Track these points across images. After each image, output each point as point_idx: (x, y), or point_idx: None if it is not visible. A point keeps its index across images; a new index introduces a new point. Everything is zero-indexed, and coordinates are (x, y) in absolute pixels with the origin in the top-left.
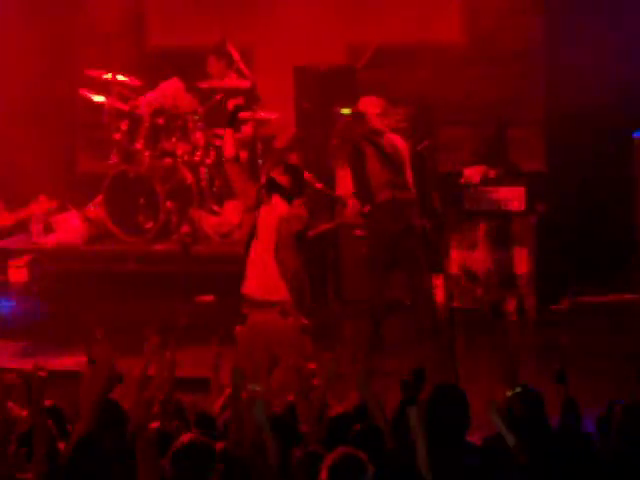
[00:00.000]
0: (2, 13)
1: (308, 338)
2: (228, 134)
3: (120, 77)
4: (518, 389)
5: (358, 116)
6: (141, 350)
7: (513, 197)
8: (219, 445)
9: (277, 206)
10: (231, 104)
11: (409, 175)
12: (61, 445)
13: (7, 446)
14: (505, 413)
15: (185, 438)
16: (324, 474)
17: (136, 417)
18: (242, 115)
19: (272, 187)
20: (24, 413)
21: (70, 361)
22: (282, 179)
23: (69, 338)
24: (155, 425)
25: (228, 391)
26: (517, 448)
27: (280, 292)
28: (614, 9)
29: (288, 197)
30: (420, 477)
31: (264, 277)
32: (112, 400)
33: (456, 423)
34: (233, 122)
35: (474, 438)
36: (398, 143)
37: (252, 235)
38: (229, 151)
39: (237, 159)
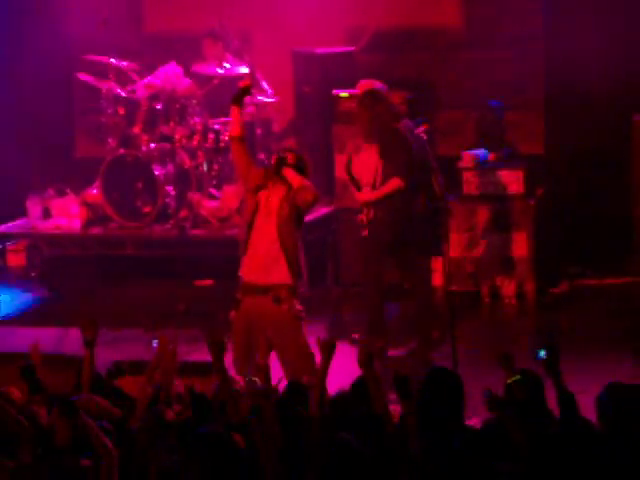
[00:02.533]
0: None
1: (302, 323)
2: (235, 112)
3: (118, 61)
4: (517, 376)
5: (384, 99)
6: (139, 334)
7: (512, 180)
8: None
9: (291, 178)
10: (242, 83)
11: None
12: None
13: None
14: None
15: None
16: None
17: (142, 405)
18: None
19: (283, 164)
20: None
21: (69, 346)
22: (291, 161)
23: (67, 323)
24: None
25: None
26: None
27: (274, 276)
28: None
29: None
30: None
31: (259, 260)
32: (116, 387)
33: (450, 406)
34: (240, 100)
35: (473, 422)
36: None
37: (252, 217)
38: (235, 129)
39: (242, 138)
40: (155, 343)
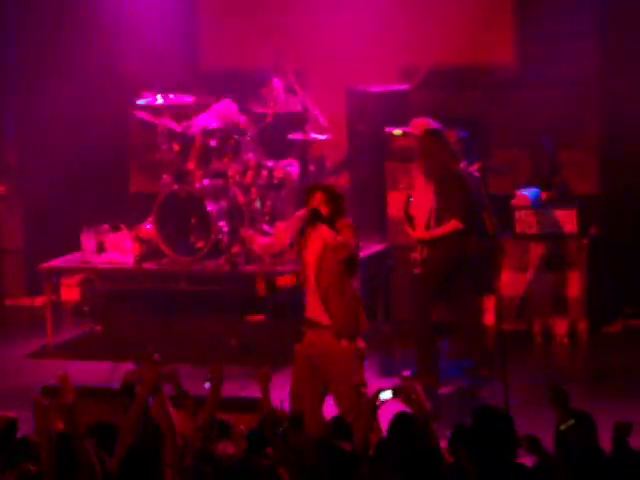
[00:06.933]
0: (56, 35)
1: (361, 362)
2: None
3: (173, 98)
4: (572, 421)
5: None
6: (189, 369)
7: (565, 220)
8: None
9: (324, 234)
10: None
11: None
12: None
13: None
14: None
15: None
16: None
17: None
18: (294, 136)
19: (316, 219)
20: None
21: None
22: (323, 209)
23: (119, 356)
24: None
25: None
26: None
27: (327, 318)
28: None
29: (332, 224)
30: None
31: (314, 304)
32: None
33: (502, 445)
34: (303, 232)
35: (526, 460)
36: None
37: (304, 270)
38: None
39: (291, 246)
40: (207, 385)
